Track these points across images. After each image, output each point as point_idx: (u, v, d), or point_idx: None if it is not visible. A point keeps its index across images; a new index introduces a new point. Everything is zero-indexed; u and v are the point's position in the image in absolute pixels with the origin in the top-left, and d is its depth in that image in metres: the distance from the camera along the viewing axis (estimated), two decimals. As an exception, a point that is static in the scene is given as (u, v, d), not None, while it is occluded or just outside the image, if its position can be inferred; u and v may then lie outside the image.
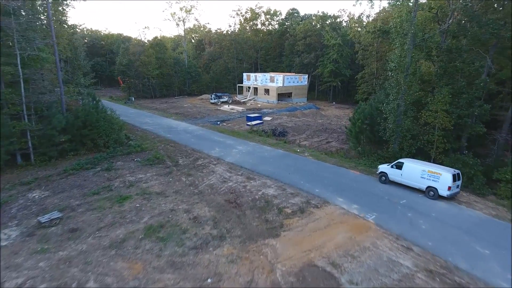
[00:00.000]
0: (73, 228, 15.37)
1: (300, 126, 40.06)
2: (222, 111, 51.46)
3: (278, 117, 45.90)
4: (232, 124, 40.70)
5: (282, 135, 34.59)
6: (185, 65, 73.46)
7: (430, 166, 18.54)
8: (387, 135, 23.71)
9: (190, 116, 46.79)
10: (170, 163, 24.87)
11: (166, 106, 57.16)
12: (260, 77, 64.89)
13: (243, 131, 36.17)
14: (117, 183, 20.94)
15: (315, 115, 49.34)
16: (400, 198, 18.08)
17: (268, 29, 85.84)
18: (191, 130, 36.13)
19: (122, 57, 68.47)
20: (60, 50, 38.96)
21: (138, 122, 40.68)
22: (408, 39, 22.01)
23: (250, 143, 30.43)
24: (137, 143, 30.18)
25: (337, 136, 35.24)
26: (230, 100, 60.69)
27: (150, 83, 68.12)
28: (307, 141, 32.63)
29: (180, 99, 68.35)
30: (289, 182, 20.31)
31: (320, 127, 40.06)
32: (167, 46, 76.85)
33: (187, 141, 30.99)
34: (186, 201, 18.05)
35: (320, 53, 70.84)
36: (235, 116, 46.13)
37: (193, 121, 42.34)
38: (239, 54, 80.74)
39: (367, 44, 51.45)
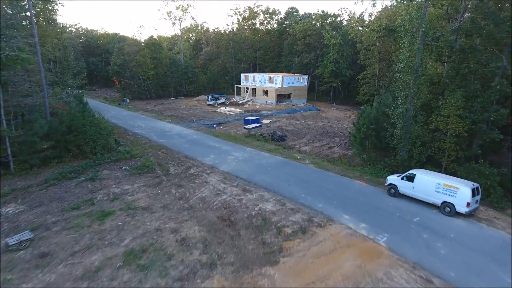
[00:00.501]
0: (44, 253, 13.50)
1: (300, 129, 38.24)
2: (219, 113, 49.60)
3: (277, 120, 44.07)
4: (229, 128, 38.85)
5: (281, 139, 32.77)
6: (181, 65, 71.56)
7: (446, 178, 16.72)
8: (394, 142, 21.90)
9: (185, 118, 44.91)
10: (160, 172, 23.02)
11: (161, 108, 55.27)
12: (259, 78, 63.06)
13: (240, 135, 34.33)
14: (100, 196, 19.09)
15: (316, 118, 47.54)
16: (412, 214, 16.25)
17: (266, 28, 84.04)
18: (185, 134, 34.26)
19: (117, 57, 66.52)
20: (48, 50, 37.10)
21: (130, 125, 38.79)
22: (418, 38, 20.19)
23: (247, 149, 28.59)
24: (126, 149, 28.31)
25: (339, 140, 33.43)
26: (228, 102, 58.84)
27: (145, 83, 66.21)
28: (308, 146, 30.80)
29: (176, 100, 66.46)
30: (289, 195, 18.47)
31: (321, 130, 38.25)
32: (163, 46, 74.90)
33: (180, 146, 29.13)
34: (175, 218, 16.19)
35: (320, 53, 69.06)
36: (232, 119, 44.29)
37: (188, 124, 40.47)
38: (237, 54, 78.88)
39: (369, 43, 49.66)
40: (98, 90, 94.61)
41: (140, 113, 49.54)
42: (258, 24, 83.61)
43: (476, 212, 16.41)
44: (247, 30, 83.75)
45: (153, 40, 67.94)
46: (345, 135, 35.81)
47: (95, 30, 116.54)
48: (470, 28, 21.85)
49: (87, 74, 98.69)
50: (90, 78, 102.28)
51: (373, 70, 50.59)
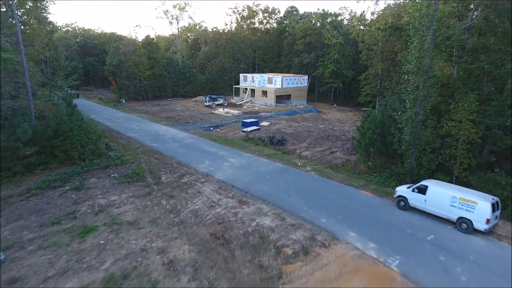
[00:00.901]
0: (14, 278, 12.00)
1: (301, 132, 36.73)
2: (217, 115, 48.07)
3: (277, 122, 42.55)
4: (226, 131, 37.33)
5: (281, 143, 31.26)
6: (178, 65, 70.00)
7: (462, 191, 15.21)
8: (402, 148, 20.39)
9: (181, 121, 43.38)
10: (151, 180, 21.50)
11: (157, 110, 53.72)
12: (258, 78, 61.53)
13: (238, 139, 32.82)
14: (84, 208, 17.57)
15: (316, 120, 46.04)
16: (426, 231, 14.75)
17: (266, 27, 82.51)
18: (180, 138, 32.72)
19: (112, 57, 64.94)
20: (37, 50, 35.53)
21: (123, 128, 37.25)
22: (429, 37, 18.68)
23: (244, 154, 27.07)
24: (117, 154, 26.79)
25: (341, 144, 31.92)
26: (226, 103, 57.31)
27: (142, 84, 64.64)
28: (309, 151, 29.30)
29: (173, 101, 64.91)
30: (289, 208, 16.96)
31: (322, 133, 36.74)
32: (160, 46, 73.36)
33: (174, 152, 27.60)
34: (163, 235, 14.68)
35: (320, 53, 67.57)
36: (230, 121, 42.75)
37: (184, 127, 38.93)
38: (236, 53, 77.34)
39: (371, 43, 48.16)
40: (95, 90, 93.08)
41: (135, 115, 47.99)
42: (257, 24, 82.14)
43: (495, 228, 14.93)
44: (246, 30, 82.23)
45: (149, 40, 66.34)
46: (347, 139, 34.32)
47: (92, 29, 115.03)
48: (484, 26, 20.37)
49: (84, 74, 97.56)
50: (86, 78, 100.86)
51: (375, 70, 49.09)
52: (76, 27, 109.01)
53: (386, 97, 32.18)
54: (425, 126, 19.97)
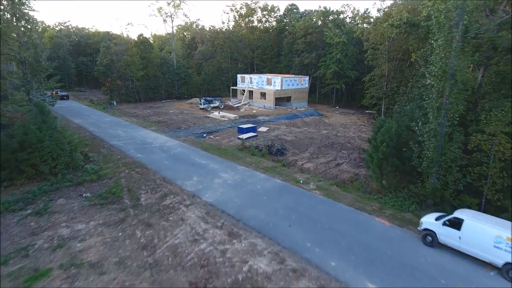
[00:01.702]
0: None
1: (302, 139, 33.60)
2: (212, 119, 44.92)
3: (276, 127, 39.42)
4: (220, 137, 34.19)
5: (280, 153, 28.14)
6: (173, 65, 66.81)
7: (509, 228, 12.08)
8: (423, 166, 17.29)
9: (173, 126, 40.24)
10: (128, 201, 18.37)
11: (149, 113, 50.56)
12: (256, 79, 58.39)
13: (233, 148, 29.69)
14: (41, 241, 14.46)
15: (318, 124, 42.92)
16: (463, 280, 11.63)
17: (265, 26, 79.36)
18: (169, 147, 29.57)
19: (103, 56, 61.74)
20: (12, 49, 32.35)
21: (108, 135, 34.09)
22: (458, 34, 15.53)
23: (239, 167, 23.92)
24: (95, 167, 23.66)
25: (347, 154, 28.81)
26: (222, 105, 54.14)
27: (134, 85, 61.44)
28: (311, 162, 26.17)
29: (167, 103, 61.72)
30: (290, 244, 13.83)
31: (325, 140, 33.62)
32: (154, 45, 70.22)
33: (159, 164, 24.46)
34: (130, 284, 11.55)
35: (322, 53, 64.47)
36: (225, 126, 39.60)
37: (175, 133, 35.78)
38: (234, 53, 74.20)
39: (377, 42, 45.03)
40: (88, 91, 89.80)
41: (124, 118, 44.82)
42: (255, 22, 78.99)
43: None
44: (244, 28, 79.07)
45: (142, 39, 63.13)
46: (353, 147, 31.22)
47: (86, 28, 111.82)
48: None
49: (76, 75, 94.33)
50: (79, 78, 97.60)
51: (381, 71, 45.97)
52: (69, 26, 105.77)
53: (399, 102, 29.03)
54: (451, 140, 16.87)
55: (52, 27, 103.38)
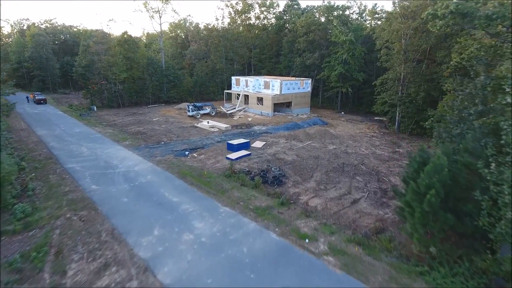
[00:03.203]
0: None
1: (305, 159, 27.38)
2: (200, 130, 38.68)
3: (273, 141, 33.19)
4: (205, 156, 27.96)
5: (278, 182, 21.90)
6: (161, 66, 60.50)
7: None
8: (497, 231, 11.07)
9: (152, 139, 34.03)
10: (48, 278, 12.16)
11: (130, 121, 44.35)
12: (252, 82, 52.13)
13: (218, 173, 23.46)
14: None
15: (324, 136, 36.67)
16: None
17: (263, 23, 73.01)
18: (137, 173, 23.33)
19: (82, 56, 55.57)
20: None
21: (68, 153, 27.88)
22: None
23: (221, 209, 17.66)
24: (27, 208, 17.44)
25: (364, 182, 22.57)
26: (214, 112, 47.90)
27: (117, 88, 55.17)
28: (319, 197, 19.93)
29: (153, 109, 55.49)
30: None
31: (334, 160, 27.41)
32: (140, 44, 64.00)
33: (115, 203, 18.22)
34: None
35: (326, 52, 58.22)
36: (214, 140, 33.35)
37: (152, 150, 29.56)
38: (229, 53, 67.92)
39: (393, 39, 38.72)
40: (72, 93, 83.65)
41: (98, 129, 38.57)
42: (253, 19, 72.64)
43: None
44: (240, 25, 72.77)
45: (127, 37, 56.84)
46: (369, 172, 24.99)
47: (74, 26, 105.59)
48: None
49: (61, 76, 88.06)
50: (65, 80, 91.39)
51: (396, 74, 39.68)
52: (55, 24, 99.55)
53: (438, 120, 22.73)
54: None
55: (37, 24, 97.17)
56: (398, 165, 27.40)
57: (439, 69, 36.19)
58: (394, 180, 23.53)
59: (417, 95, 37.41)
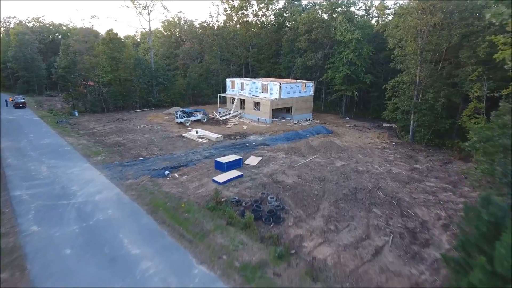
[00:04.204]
0: None
1: (309, 182, 22.58)
2: (187, 140, 33.88)
3: (271, 156, 28.40)
4: (188, 178, 23.17)
5: (275, 219, 17.10)
6: (150, 67, 55.66)
7: None
8: None
9: (131, 152, 29.27)
10: None
11: (111, 129, 39.53)
12: (249, 85, 47.32)
13: (200, 203, 18.68)
14: None
15: (329, 149, 31.87)
16: None
17: (261, 21, 68.14)
18: (95, 204, 18.50)
19: (63, 56, 50.79)
20: None
21: (24, 172, 23.11)
22: None
23: (194, 270, 12.81)
24: None
25: (384, 218, 17.76)
26: (205, 119, 43.11)
27: (100, 92, 50.31)
28: (328, 245, 15.10)
29: (140, 114, 50.67)
30: None
31: (343, 183, 22.61)
32: (127, 43, 59.24)
33: (54, 256, 13.41)
34: None
35: (329, 52, 53.42)
36: (201, 155, 28.54)
37: (125, 169, 24.76)
38: (224, 52, 63.12)
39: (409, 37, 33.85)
40: (59, 95, 78.59)
41: (72, 139, 33.74)
42: (250, 16, 67.77)
43: None
44: (236, 23, 67.95)
45: (111, 35, 52.01)
46: (389, 200, 20.18)
47: (63, 24, 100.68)
48: None
49: (48, 77, 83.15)
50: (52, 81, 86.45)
51: (411, 77, 34.86)
52: (43, 22, 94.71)
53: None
54: None
55: (24, 22, 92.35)
56: (421, 189, 22.58)
57: (461, 72, 31.43)
58: (421, 213, 18.74)
59: (436, 102, 32.60)
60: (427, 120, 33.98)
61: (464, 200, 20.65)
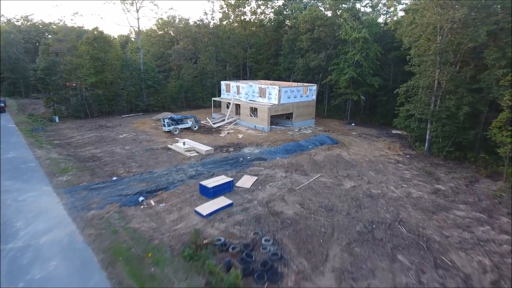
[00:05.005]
0: None
1: (313, 213, 18.34)
2: (173, 154, 29.66)
3: (268, 175, 24.16)
4: (166, 206, 18.96)
5: (271, 274, 12.85)
6: (139, 68, 51.40)
7: None
8: None
9: (104, 170, 25.08)
10: None
11: (90, 138, 35.30)
12: (245, 89, 43.09)
13: (175, 248, 14.49)
14: None
15: (335, 165, 27.62)
16: None
17: (260, 18, 63.83)
18: (38, 251, 14.30)
19: (42, 57, 46.62)
20: None
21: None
22: None
23: None
24: None
25: (413, 271, 13.50)
26: (196, 127, 38.89)
27: (83, 96, 46.07)
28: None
29: (127, 120, 46.43)
30: None
31: (355, 214, 18.38)
32: (114, 42, 55.05)
33: None
34: None
35: (333, 53, 49.18)
36: (185, 175, 24.28)
37: (92, 193, 20.54)
38: (220, 52, 58.87)
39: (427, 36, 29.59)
40: (45, 98, 74.43)
41: (42, 152, 29.54)
42: (248, 14, 63.47)
43: None
44: (233, 22, 63.70)
45: (97, 34, 47.81)
46: (415, 241, 15.91)
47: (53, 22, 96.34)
48: None
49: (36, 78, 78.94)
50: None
51: (429, 81, 30.58)
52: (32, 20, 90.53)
53: None
54: None
55: (12, 21, 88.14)
56: (451, 221, 18.33)
57: (487, 76, 27.17)
58: (460, 261, 14.49)
59: (458, 109, 28.34)
60: (447, 130, 29.70)
61: (508, 238, 16.46)
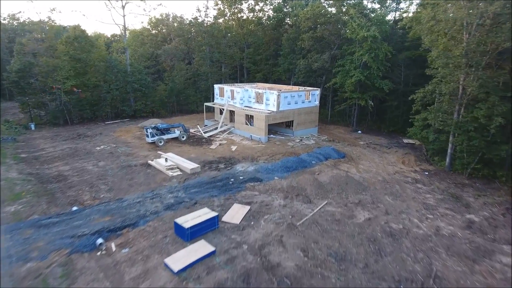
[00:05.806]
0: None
1: (320, 265, 13.97)
2: (153, 172, 25.27)
3: (263, 203, 19.78)
4: (130, 252, 14.62)
5: None
6: (125, 70, 47.02)
7: None
8: None
9: (67, 195, 20.76)
10: None
11: (62, 151, 30.97)
12: (240, 93, 38.72)
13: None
14: None
15: (344, 187, 23.24)
16: None
17: (258, 16, 59.44)
18: None
19: (17, 58, 42.31)
20: None
21: None
22: None
23: None
24: None
25: None
26: (185, 137, 34.51)
27: (62, 100, 41.72)
28: None
29: (110, 127, 42.09)
30: None
31: (376, 267, 14.02)
32: (98, 42, 50.70)
33: None
34: None
35: (338, 53, 44.78)
36: (162, 203, 19.90)
37: (40, 232, 16.23)
38: (215, 53, 54.51)
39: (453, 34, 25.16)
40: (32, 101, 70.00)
41: (2, 169, 25.21)
42: (246, 11, 59.08)
43: None
44: (230, 20, 59.34)
45: (77, 33, 43.50)
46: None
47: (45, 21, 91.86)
48: None
49: (21, 80, 74.52)
50: (27, 84, 77.95)
51: (454, 86, 26.16)
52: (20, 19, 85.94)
53: None
54: None
55: None
56: (500, 273, 13.96)
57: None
58: None
59: (490, 121, 23.93)
60: (475, 144, 25.31)
61: None
